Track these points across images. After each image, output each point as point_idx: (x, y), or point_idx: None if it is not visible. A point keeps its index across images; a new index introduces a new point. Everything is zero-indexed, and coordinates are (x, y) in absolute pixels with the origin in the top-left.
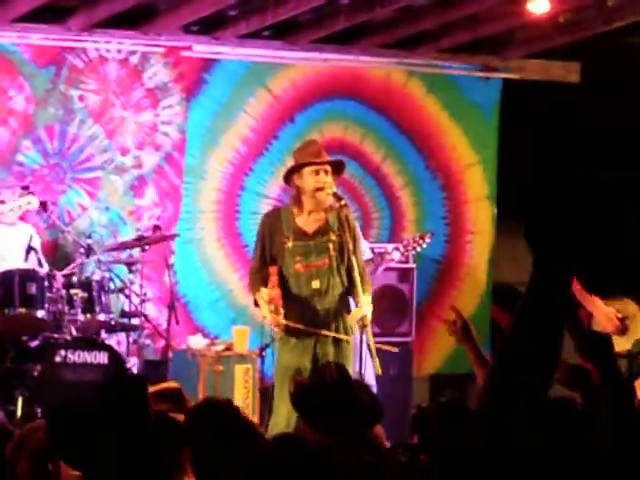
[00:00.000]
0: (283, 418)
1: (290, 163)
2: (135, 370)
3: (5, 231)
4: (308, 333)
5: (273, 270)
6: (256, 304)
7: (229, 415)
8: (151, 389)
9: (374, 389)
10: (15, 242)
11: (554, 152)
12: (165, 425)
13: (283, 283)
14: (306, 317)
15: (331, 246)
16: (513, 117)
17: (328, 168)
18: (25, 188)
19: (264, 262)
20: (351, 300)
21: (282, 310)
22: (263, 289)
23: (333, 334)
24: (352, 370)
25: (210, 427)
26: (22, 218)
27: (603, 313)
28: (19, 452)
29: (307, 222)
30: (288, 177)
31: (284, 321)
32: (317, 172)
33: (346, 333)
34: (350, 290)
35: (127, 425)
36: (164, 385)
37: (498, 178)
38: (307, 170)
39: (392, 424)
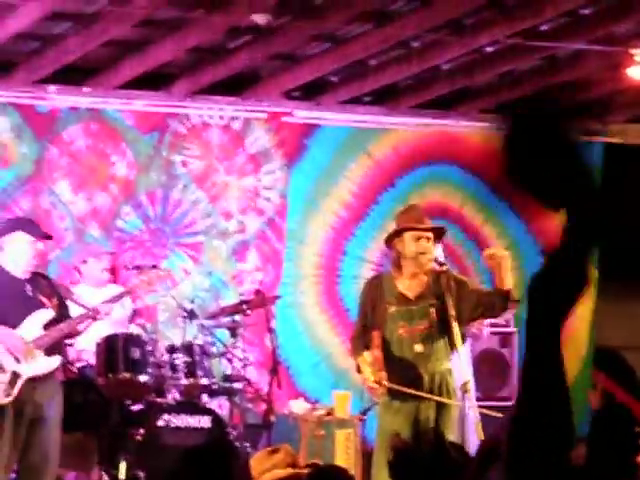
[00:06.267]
0: None
1: (391, 227)
2: (236, 434)
3: (93, 292)
4: (411, 396)
5: (376, 334)
6: (358, 370)
7: None
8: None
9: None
10: None
11: None
12: None
13: (386, 348)
14: (409, 380)
15: (432, 310)
16: (615, 181)
17: (430, 235)
18: (111, 254)
19: (366, 328)
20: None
21: (385, 373)
22: (366, 352)
23: (436, 398)
24: (454, 435)
25: None
26: (114, 281)
27: None
28: None
29: (409, 286)
30: (389, 241)
31: (387, 383)
32: (419, 238)
33: (449, 397)
34: (451, 356)
35: None
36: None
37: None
38: (408, 235)
39: None
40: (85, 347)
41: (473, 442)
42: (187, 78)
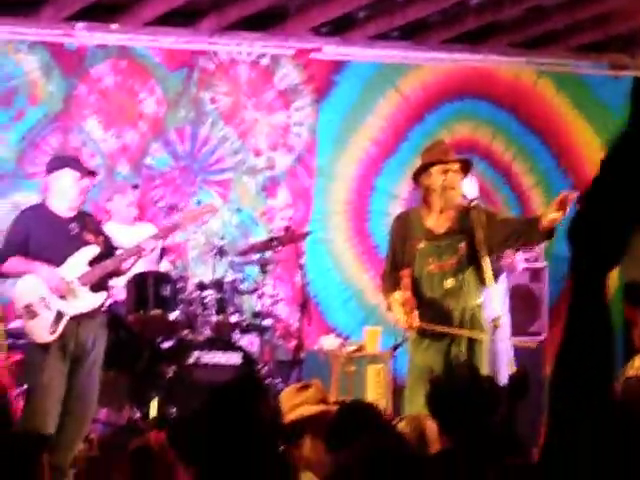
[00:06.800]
0: None
1: (419, 163)
2: (267, 371)
3: (123, 230)
4: (442, 334)
5: (405, 273)
6: (389, 308)
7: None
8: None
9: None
10: (136, 241)
11: None
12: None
13: (416, 285)
14: (440, 317)
15: (462, 245)
16: None
17: (456, 167)
18: (135, 187)
19: (395, 266)
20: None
21: (416, 311)
22: (397, 292)
23: (467, 333)
24: (486, 369)
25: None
26: (140, 218)
27: None
28: None
29: (437, 222)
30: (417, 176)
31: (418, 323)
32: (445, 171)
33: (480, 332)
34: (482, 291)
35: (239, 427)
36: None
37: None
38: (435, 169)
39: (523, 424)
40: (115, 284)
41: (504, 376)
42: (215, 14)
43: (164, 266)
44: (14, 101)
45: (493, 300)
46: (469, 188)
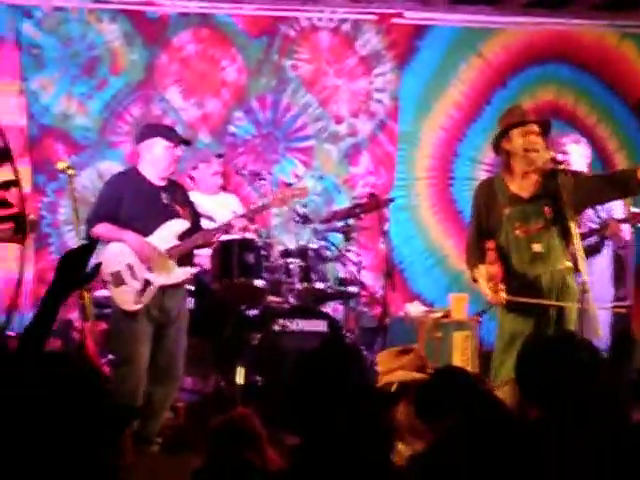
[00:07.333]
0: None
1: (498, 130)
2: (352, 338)
3: (208, 200)
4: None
5: (490, 245)
6: (474, 280)
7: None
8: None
9: None
10: (220, 211)
11: None
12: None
13: (503, 254)
14: (528, 287)
15: (547, 209)
16: None
17: (536, 128)
18: (220, 156)
19: (480, 235)
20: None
21: (502, 287)
22: (481, 266)
23: (556, 303)
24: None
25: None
26: (224, 188)
27: None
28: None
29: (521, 186)
30: (497, 143)
31: (505, 297)
32: (525, 133)
33: (569, 296)
34: (569, 254)
35: (342, 392)
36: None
37: None
38: (515, 132)
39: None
40: (200, 252)
41: (592, 340)
42: None
43: (248, 234)
44: (96, 70)
45: (582, 266)
46: (581, 152)
